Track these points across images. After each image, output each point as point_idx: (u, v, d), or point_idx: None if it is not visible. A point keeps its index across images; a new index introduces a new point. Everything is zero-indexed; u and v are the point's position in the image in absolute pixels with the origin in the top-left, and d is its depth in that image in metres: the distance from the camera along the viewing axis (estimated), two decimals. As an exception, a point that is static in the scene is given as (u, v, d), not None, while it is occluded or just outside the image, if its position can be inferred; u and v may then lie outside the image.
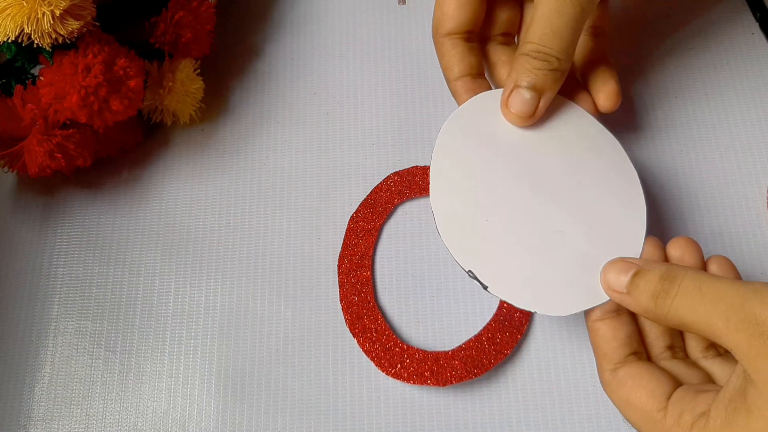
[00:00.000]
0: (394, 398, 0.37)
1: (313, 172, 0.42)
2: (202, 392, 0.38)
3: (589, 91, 0.37)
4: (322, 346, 0.38)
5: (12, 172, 0.39)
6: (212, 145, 0.44)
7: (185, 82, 0.41)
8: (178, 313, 0.39)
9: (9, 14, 0.34)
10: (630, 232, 0.33)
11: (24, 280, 0.41)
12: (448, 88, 0.37)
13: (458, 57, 0.36)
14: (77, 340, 0.39)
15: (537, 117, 0.34)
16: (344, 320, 0.38)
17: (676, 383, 0.29)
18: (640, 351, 0.31)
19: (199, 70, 0.42)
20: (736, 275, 0.31)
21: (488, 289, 0.32)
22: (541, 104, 0.33)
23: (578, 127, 0.36)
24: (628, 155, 0.35)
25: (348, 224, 0.39)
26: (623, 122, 0.42)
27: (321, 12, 0.47)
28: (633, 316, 0.32)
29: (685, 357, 0.31)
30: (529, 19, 0.36)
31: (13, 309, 0.40)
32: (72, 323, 0.40)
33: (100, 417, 0.37)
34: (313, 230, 0.41)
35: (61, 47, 0.37)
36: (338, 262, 0.39)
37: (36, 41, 0.35)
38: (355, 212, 0.39)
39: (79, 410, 0.38)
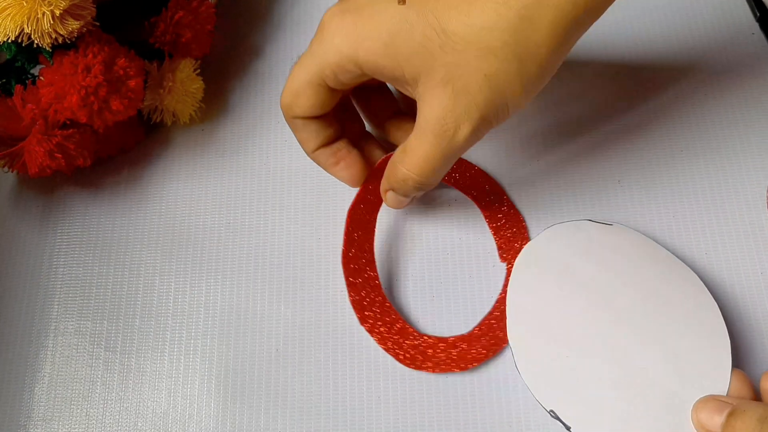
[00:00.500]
0: (394, 398, 0.37)
1: (313, 172, 0.42)
2: (202, 392, 0.38)
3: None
4: (322, 346, 0.38)
5: (12, 172, 0.39)
6: (212, 145, 0.44)
7: (185, 82, 0.41)
8: (178, 313, 0.39)
9: (9, 14, 0.34)
10: (715, 365, 0.33)
11: (24, 280, 0.41)
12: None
13: (313, 134, 0.35)
14: (77, 340, 0.39)
15: (405, 206, 0.37)
16: (356, 319, 0.37)
17: None
18: None
19: (199, 70, 0.42)
20: None
21: (571, 430, 0.32)
22: (410, 200, 0.36)
23: (653, 259, 0.36)
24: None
25: (346, 219, 0.38)
26: (623, 121, 0.42)
27: (321, 12, 0.47)
28: None
29: None
30: (407, 134, 0.33)
31: (13, 309, 0.40)
32: (72, 323, 0.40)
33: (100, 417, 0.37)
34: (313, 230, 0.41)
35: (61, 47, 0.37)
36: (342, 260, 0.38)
37: (36, 41, 0.35)
38: (351, 205, 0.38)
39: (79, 410, 0.38)
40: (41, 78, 0.38)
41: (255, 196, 0.42)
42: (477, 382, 0.37)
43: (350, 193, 0.41)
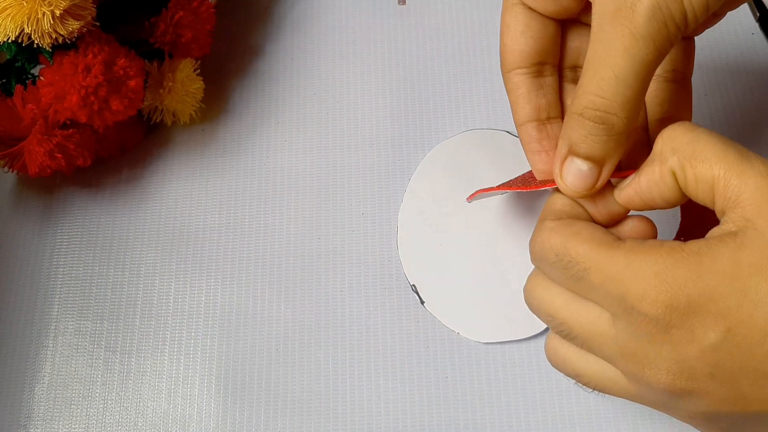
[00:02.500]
0: (394, 398, 0.37)
1: (313, 172, 0.42)
2: (202, 392, 0.38)
3: None
4: (322, 346, 0.38)
5: (12, 172, 0.39)
6: (212, 145, 0.44)
7: (185, 82, 0.41)
8: (178, 313, 0.39)
9: (9, 14, 0.34)
10: None
11: (24, 280, 0.41)
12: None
13: (523, 97, 0.29)
14: (77, 340, 0.39)
15: (598, 189, 0.27)
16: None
17: None
18: None
19: (199, 70, 0.42)
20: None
21: (424, 304, 0.37)
22: (603, 176, 0.26)
23: None
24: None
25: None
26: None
27: (321, 12, 0.47)
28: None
29: None
30: (582, 57, 0.28)
31: (13, 309, 0.40)
32: (72, 323, 0.40)
33: (100, 417, 0.37)
34: (313, 230, 0.41)
35: (61, 47, 0.37)
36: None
37: (36, 41, 0.35)
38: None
39: (79, 410, 0.38)
40: (41, 78, 0.38)
41: (255, 196, 0.42)
42: (477, 382, 0.37)
43: (350, 193, 0.41)
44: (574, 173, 0.26)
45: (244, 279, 0.40)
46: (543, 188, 0.29)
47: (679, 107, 0.29)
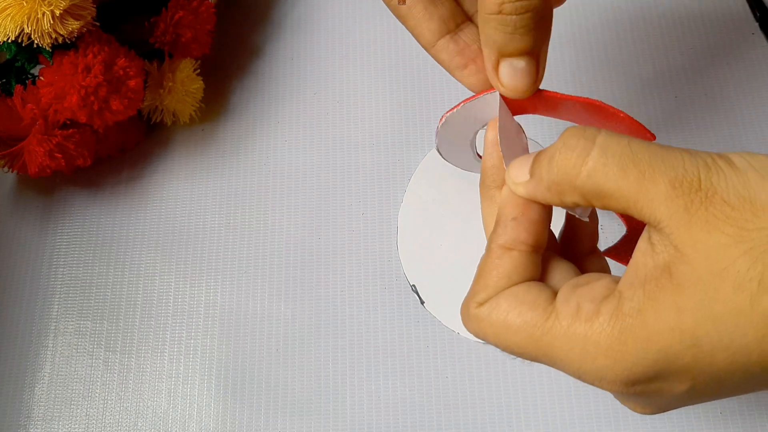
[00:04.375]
0: (394, 398, 0.37)
1: (313, 172, 0.42)
2: (202, 392, 0.38)
3: None
4: (322, 346, 0.38)
5: (12, 172, 0.39)
6: (212, 145, 0.44)
7: (185, 82, 0.41)
8: (178, 313, 0.39)
9: (9, 14, 0.34)
10: None
11: (24, 280, 0.41)
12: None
13: (423, 15, 0.27)
14: (77, 340, 0.39)
15: (540, 82, 0.26)
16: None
17: (553, 288, 0.23)
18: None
19: (199, 70, 0.42)
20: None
21: (424, 304, 0.36)
22: (541, 66, 0.25)
23: None
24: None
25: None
26: (623, 122, 0.42)
27: (321, 12, 0.47)
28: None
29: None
30: None
31: (13, 309, 0.40)
32: (72, 323, 0.39)
33: (100, 417, 0.37)
34: (313, 230, 0.41)
35: (61, 47, 0.37)
36: None
37: (36, 41, 0.35)
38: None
39: (79, 410, 0.38)
40: (41, 78, 0.38)
41: (255, 196, 0.42)
42: (477, 382, 0.37)
43: (350, 193, 0.41)
44: (512, 75, 0.25)
45: (244, 279, 0.40)
46: (488, 92, 0.27)
47: None
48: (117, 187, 0.43)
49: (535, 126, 0.42)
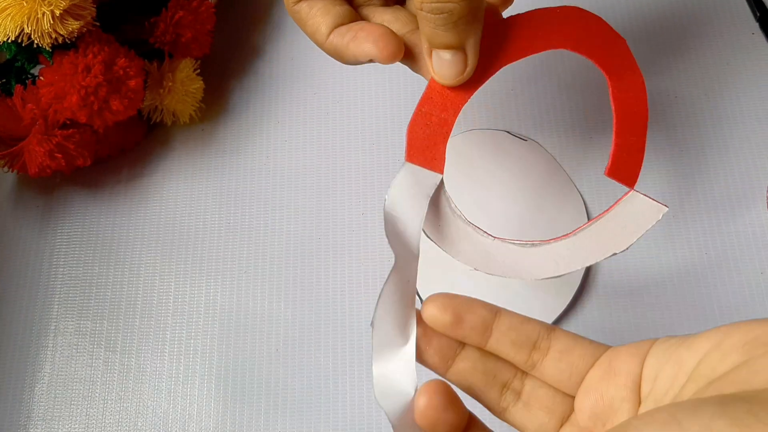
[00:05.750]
0: (394, 398, 0.37)
1: (313, 172, 0.42)
2: (202, 392, 0.38)
3: None
4: (322, 346, 0.38)
5: (12, 172, 0.39)
6: (212, 145, 0.44)
7: (185, 82, 0.41)
8: (178, 313, 0.39)
9: (9, 14, 0.34)
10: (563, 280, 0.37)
11: (24, 280, 0.41)
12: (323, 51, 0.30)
13: (321, 13, 0.28)
14: (77, 340, 0.39)
15: (472, 71, 0.27)
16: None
17: None
18: None
19: (199, 70, 0.42)
20: None
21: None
22: (470, 58, 0.27)
23: (549, 178, 0.40)
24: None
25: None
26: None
27: (321, 12, 0.47)
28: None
29: None
30: None
31: (13, 309, 0.40)
32: (72, 323, 0.40)
33: (100, 417, 0.37)
34: (313, 230, 0.41)
35: (61, 47, 0.37)
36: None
37: (36, 41, 0.35)
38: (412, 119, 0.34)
39: (79, 410, 0.38)
40: (41, 78, 0.38)
41: (255, 196, 0.42)
42: (477, 382, 0.37)
43: (350, 193, 0.41)
44: (440, 65, 0.27)
45: (244, 279, 0.40)
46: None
47: None
48: (117, 187, 0.43)
49: (536, 126, 0.42)
